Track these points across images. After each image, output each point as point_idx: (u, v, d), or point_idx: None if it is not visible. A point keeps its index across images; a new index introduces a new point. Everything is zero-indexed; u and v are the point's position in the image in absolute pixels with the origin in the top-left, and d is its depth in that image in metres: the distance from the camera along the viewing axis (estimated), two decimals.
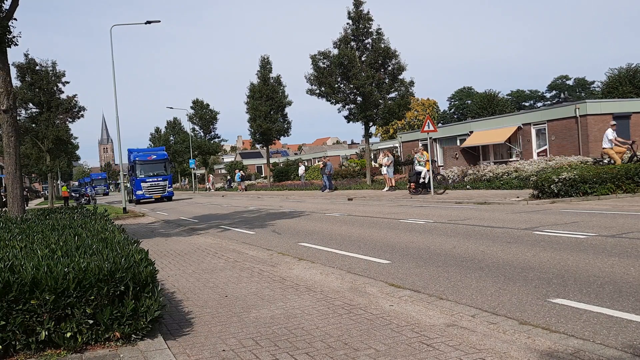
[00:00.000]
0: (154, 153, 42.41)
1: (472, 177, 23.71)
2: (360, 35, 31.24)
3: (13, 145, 12.04)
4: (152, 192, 39.60)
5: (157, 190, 39.77)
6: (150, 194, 39.59)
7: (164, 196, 39.96)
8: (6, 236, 6.85)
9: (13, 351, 4.51)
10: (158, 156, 41.56)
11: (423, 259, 8.37)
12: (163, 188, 39.95)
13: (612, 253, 7.59)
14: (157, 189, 39.74)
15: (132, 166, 40.95)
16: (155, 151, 43.93)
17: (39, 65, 36.39)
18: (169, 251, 11.48)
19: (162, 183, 39.96)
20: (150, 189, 39.62)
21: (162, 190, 39.96)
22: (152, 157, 41.14)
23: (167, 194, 40.10)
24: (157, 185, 39.75)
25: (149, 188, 39.54)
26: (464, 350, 4.35)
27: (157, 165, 40.57)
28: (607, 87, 49.20)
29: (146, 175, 39.72)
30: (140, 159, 40.40)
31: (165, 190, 40.04)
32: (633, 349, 4.11)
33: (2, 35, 11.73)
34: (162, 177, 40.12)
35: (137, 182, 39.69)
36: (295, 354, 4.52)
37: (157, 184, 39.75)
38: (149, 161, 40.51)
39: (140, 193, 39.45)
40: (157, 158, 41.16)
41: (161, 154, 42.52)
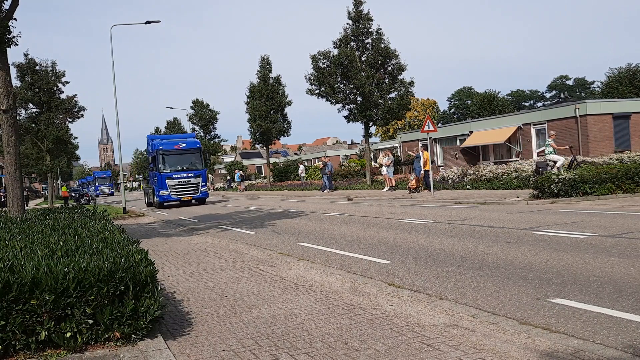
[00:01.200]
0: (182, 140, 31.42)
1: (472, 177, 23.71)
2: (360, 35, 31.22)
3: (13, 145, 12.04)
4: (180, 192, 29.41)
5: (187, 190, 29.59)
6: (178, 195, 29.43)
7: (196, 198, 29.93)
8: (6, 236, 6.85)
9: (13, 351, 4.51)
10: (188, 144, 30.75)
11: (423, 259, 8.37)
12: (195, 187, 29.70)
13: (612, 253, 7.58)
14: (187, 188, 29.58)
15: (153, 158, 30.43)
16: (184, 138, 32.72)
17: (38, 65, 36.37)
18: (169, 251, 11.48)
19: (194, 180, 29.61)
20: (179, 189, 29.37)
21: (194, 190, 29.71)
22: (180, 145, 30.37)
23: (200, 195, 29.91)
24: (187, 184, 29.56)
25: (177, 187, 29.30)
26: (464, 350, 4.35)
27: (187, 156, 30.21)
28: (607, 87, 49.24)
29: (173, 169, 29.41)
30: (165, 148, 29.93)
31: (198, 190, 29.81)
32: (633, 349, 4.11)
33: (2, 35, 11.73)
34: (193, 173, 29.67)
35: (160, 179, 29.27)
36: (295, 354, 4.51)
37: (187, 182, 29.56)
38: (176, 151, 29.98)
39: (165, 194, 29.26)
40: (187, 147, 30.47)
41: (192, 141, 31.49)
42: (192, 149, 30.53)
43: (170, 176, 29.24)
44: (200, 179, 29.81)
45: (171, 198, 29.34)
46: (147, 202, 33.82)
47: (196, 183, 29.75)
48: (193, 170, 29.74)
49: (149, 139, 33.05)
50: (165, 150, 29.91)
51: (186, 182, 29.54)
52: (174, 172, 29.42)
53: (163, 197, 29.30)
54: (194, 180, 29.69)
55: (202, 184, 29.89)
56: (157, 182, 29.71)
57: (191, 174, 29.59)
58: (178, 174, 29.35)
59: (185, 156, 30.15)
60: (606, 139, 28.89)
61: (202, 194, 30.05)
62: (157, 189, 29.61)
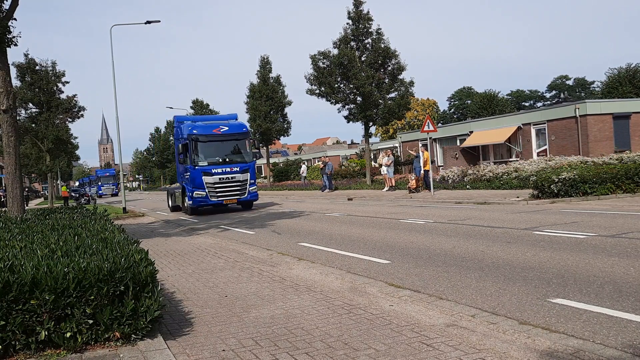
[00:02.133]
0: (223, 122, 23.56)
1: (472, 177, 23.71)
2: (360, 35, 31.23)
3: (13, 145, 12.04)
4: (222, 193, 21.84)
5: (231, 190, 21.97)
6: (220, 197, 21.84)
7: (243, 201, 22.45)
8: (6, 236, 6.85)
9: (13, 351, 4.51)
10: (232, 128, 22.89)
11: (423, 259, 8.37)
12: (241, 186, 22.11)
13: (612, 253, 7.58)
14: (231, 187, 21.97)
15: (184, 146, 22.50)
16: (224, 120, 24.63)
17: (38, 65, 36.35)
18: (169, 251, 11.48)
19: (241, 177, 22.07)
20: (220, 189, 21.77)
21: (240, 190, 22.09)
22: (221, 129, 22.58)
23: (248, 196, 22.28)
24: (231, 182, 21.94)
25: (218, 186, 21.72)
26: (464, 350, 4.35)
27: (231, 143, 22.57)
28: (607, 87, 49.26)
29: (212, 162, 21.91)
30: (201, 132, 22.06)
31: (246, 190, 22.19)
32: (633, 349, 4.11)
33: (2, 35, 11.73)
34: (239, 167, 22.09)
35: (194, 175, 21.66)
36: (295, 354, 4.51)
37: (231, 180, 21.94)
38: (216, 137, 22.28)
39: (201, 195, 21.67)
40: (231, 131, 22.67)
41: (237, 124, 23.56)
42: (237, 134, 22.56)
43: (208, 171, 21.49)
44: (247, 175, 22.08)
45: (209, 201, 21.62)
46: (172, 206, 26.28)
47: (243, 181, 21.98)
48: (239, 163, 22.14)
49: (176, 120, 25.28)
50: (202, 135, 21.82)
51: (230, 180, 21.76)
52: (214, 165, 21.72)
53: (199, 199, 21.63)
54: (240, 176, 21.93)
55: (250, 182, 22.13)
56: (189, 180, 21.93)
57: (236, 167, 21.94)
58: (219, 168, 21.69)
59: (228, 144, 22.46)
60: (606, 139, 28.89)
61: (251, 195, 22.29)
62: (190, 188, 21.80)
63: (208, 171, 21.55)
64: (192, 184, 21.70)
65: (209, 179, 21.48)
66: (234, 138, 22.51)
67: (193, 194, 21.64)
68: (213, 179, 21.53)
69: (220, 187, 21.71)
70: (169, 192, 28.00)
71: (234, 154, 22.46)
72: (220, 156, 22.13)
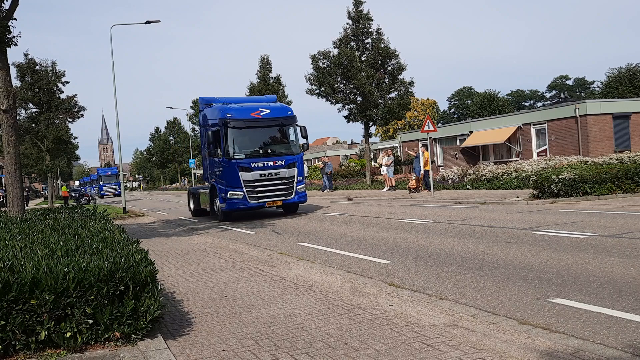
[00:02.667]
0: (263, 105, 18.73)
1: (472, 177, 23.72)
2: (360, 35, 31.24)
3: (13, 145, 12.04)
4: (263, 193, 17.33)
5: (275, 189, 17.47)
6: (261, 199, 17.35)
7: (289, 203, 18.02)
8: (6, 236, 6.85)
9: (13, 351, 4.51)
10: (274, 111, 18.28)
11: (423, 259, 8.37)
12: (287, 185, 17.60)
13: (612, 253, 7.59)
14: (275, 186, 17.46)
15: (214, 134, 17.80)
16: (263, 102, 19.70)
17: (38, 65, 36.41)
18: (169, 251, 11.48)
19: (286, 173, 17.53)
20: (260, 187, 17.29)
21: (286, 189, 17.58)
22: (260, 112, 17.93)
23: (295, 198, 17.79)
24: (275, 179, 17.42)
25: (258, 185, 17.24)
26: (464, 350, 4.36)
27: (273, 130, 18.16)
28: (607, 87, 49.31)
29: (250, 154, 17.42)
30: (237, 116, 17.58)
31: (293, 189, 17.65)
32: (633, 349, 4.11)
33: (2, 35, 11.73)
34: (284, 160, 17.61)
35: (229, 170, 17.29)
36: (295, 354, 4.52)
37: (275, 177, 17.41)
38: (255, 122, 17.78)
39: (238, 196, 17.18)
40: (273, 115, 18.06)
41: (279, 107, 18.92)
42: (281, 119, 17.94)
43: (246, 166, 17.01)
44: (294, 171, 17.51)
45: (248, 204, 17.08)
46: (194, 209, 21.77)
47: (289, 178, 17.41)
48: (284, 155, 17.56)
49: (202, 103, 20.44)
50: (238, 120, 17.33)
51: (273, 177, 17.24)
52: (253, 158, 17.23)
53: (234, 202, 17.12)
54: (286, 172, 17.36)
55: (297, 180, 17.62)
56: (221, 176, 17.48)
57: (281, 161, 17.39)
58: (259, 162, 17.15)
59: (270, 131, 17.99)
60: (606, 139, 28.90)
61: (299, 197, 17.74)
62: (223, 187, 17.40)
63: (246, 166, 16.99)
64: (226, 181, 17.18)
65: (247, 176, 16.94)
66: (277, 123, 17.90)
67: (227, 194, 17.15)
68: (252, 175, 16.97)
69: (262, 186, 17.12)
70: (190, 193, 22.63)
71: (278, 144, 17.94)
72: (261, 147, 17.65)
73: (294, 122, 18.20)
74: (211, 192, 18.86)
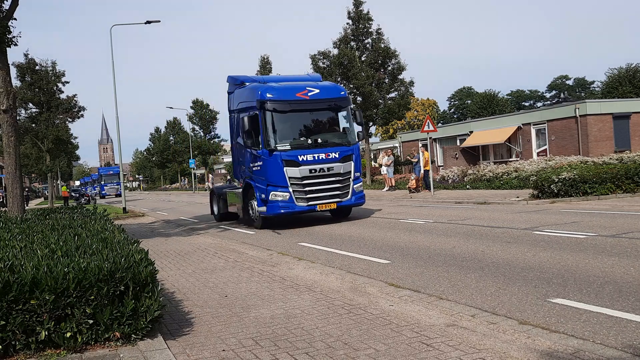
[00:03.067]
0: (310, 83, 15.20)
1: (472, 177, 23.72)
2: (360, 35, 31.28)
3: (13, 145, 12.05)
4: (315, 193, 13.99)
5: (328, 188, 14.10)
6: (311, 201, 13.96)
7: (345, 206, 14.62)
8: (6, 236, 6.85)
9: (13, 351, 4.52)
10: (324, 91, 14.82)
11: (423, 259, 8.37)
12: (343, 183, 14.27)
13: (612, 253, 7.59)
14: (328, 184, 14.09)
15: (251, 119, 14.22)
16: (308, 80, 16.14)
17: (38, 65, 36.40)
18: (169, 251, 11.49)
19: (341, 168, 14.20)
20: (311, 186, 13.96)
21: (341, 188, 14.23)
22: (308, 92, 14.50)
23: (352, 199, 14.42)
24: (327, 175, 14.07)
25: (308, 183, 13.91)
26: (464, 350, 4.36)
27: (323, 115, 14.98)
28: (607, 87, 49.32)
29: (297, 145, 14.11)
30: (280, 96, 14.18)
31: (349, 188, 14.31)
32: (633, 349, 4.11)
33: (2, 35, 11.74)
34: (338, 151, 14.19)
35: (271, 165, 13.91)
36: (295, 354, 4.52)
37: (328, 172, 14.06)
38: (301, 103, 14.47)
39: (282, 198, 13.82)
40: (323, 95, 14.69)
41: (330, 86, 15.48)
42: (333, 101, 14.62)
43: (293, 159, 13.70)
44: (351, 165, 14.22)
45: (296, 207, 13.79)
46: (219, 213, 18.10)
47: (344, 174, 14.11)
48: (337, 146, 14.18)
49: (231, 83, 16.49)
50: (281, 101, 14.00)
51: (326, 173, 13.93)
52: (301, 149, 13.87)
53: (278, 204, 13.75)
54: (341, 166, 14.05)
55: (354, 176, 14.31)
56: (260, 173, 14.18)
57: (334, 153, 14.01)
58: (309, 155, 13.81)
59: (320, 115, 14.76)
60: (606, 139, 28.91)
61: (357, 197, 14.39)
62: (262, 186, 14.05)
63: (292, 159, 13.59)
64: (267, 179, 13.82)
65: (293, 172, 13.55)
66: (328, 106, 14.55)
67: (269, 195, 13.70)
68: (300, 171, 13.57)
69: (312, 185, 13.74)
70: (215, 194, 18.67)
71: (330, 132, 14.69)
72: (310, 135, 14.21)
73: (349, 105, 14.79)
74: (245, 192, 15.16)
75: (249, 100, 14.65)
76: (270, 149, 13.75)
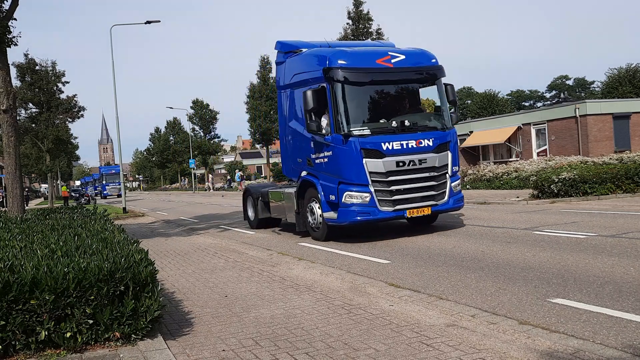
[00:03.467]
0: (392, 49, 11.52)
1: (472, 177, 23.72)
2: (360, 35, 31.27)
3: (13, 145, 12.05)
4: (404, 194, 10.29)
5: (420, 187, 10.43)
6: (400, 205, 10.27)
7: (439, 210, 10.85)
8: (6, 236, 6.85)
9: (13, 351, 4.52)
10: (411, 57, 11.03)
11: (423, 259, 8.37)
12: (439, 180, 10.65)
13: (612, 253, 7.59)
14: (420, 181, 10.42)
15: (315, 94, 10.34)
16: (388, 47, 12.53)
17: (38, 65, 36.42)
18: (169, 251, 11.49)
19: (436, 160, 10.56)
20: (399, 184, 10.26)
21: (437, 186, 10.62)
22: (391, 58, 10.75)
23: (449, 202, 10.77)
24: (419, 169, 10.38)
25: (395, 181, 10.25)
26: (464, 350, 4.36)
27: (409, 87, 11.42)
28: (607, 87, 49.33)
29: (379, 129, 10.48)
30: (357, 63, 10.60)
31: (445, 187, 10.70)
32: (633, 349, 4.11)
33: (2, 35, 11.75)
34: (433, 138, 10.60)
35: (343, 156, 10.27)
36: (295, 354, 4.52)
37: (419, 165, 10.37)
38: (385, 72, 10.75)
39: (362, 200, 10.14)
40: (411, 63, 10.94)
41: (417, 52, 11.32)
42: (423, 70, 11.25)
43: (375, 147, 10.31)
44: (448, 156, 10.93)
45: (380, 213, 10.33)
46: (255, 218, 14.62)
47: (440, 168, 10.78)
48: (431, 130, 10.96)
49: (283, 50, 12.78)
50: (359, 70, 10.65)
51: (417, 167, 10.54)
52: (384, 134, 10.52)
53: (355, 209, 10.28)
54: (436, 158, 10.71)
55: (452, 171, 11.02)
56: (328, 166, 10.83)
57: (427, 139, 10.70)
58: (395, 142, 10.42)
59: (406, 88, 11.54)
60: (606, 139, 28.92)
61: (455, 200, 11.13)
62: (332, 184, 10.64)
63: (375, 148, 10.22)
64: (339, 174, 10.41)
65: (376, 165, 10.18)
66: (417, 77, 11.25)
67: (342, 196, 10.28)
68: (385, 164, 10.21)
69: (400, 182, 10.34)
70: (250, 194, 14.85)
71: (419, 113, 11.68)
72: (395, 116, 10.82)
73: (442, 76, 11.20)
74: (301, 192, 11.54)
75: (311, 69, 11.11)
76: (345, 134, 10.13)
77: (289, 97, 12.24)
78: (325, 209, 10.78)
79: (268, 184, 16.44)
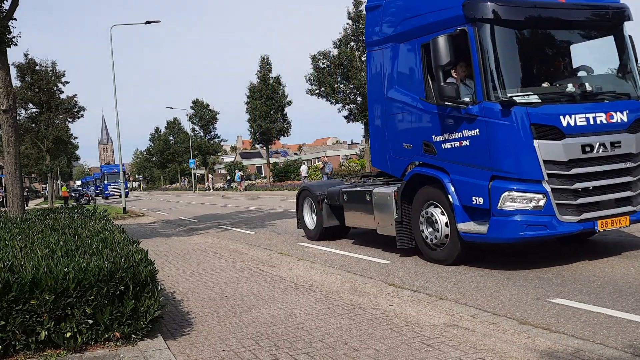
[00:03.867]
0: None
1: None
2: (360, 35, 31.25)
3: (13, 145, 12.05)
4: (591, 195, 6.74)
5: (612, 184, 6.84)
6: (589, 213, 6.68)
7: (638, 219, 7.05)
8: (6, 236, 6.85)
9: (13, 351, 4.52)
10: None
11: (423, 259, 8.36)
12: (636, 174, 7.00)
13: (612, 253, 7.59)
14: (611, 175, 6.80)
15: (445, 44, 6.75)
16: None
17: (38, 65, 36.40)
18: (169, 251, 11.49)
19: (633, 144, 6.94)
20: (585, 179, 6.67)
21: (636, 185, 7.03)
22: None
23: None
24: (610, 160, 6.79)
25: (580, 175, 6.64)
26: (464, 350, 4.36)
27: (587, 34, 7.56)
28: None
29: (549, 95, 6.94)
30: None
31: None
32: (633, 349, 4.11)
33: (2, 35, 11.74)
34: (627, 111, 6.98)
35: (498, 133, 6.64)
36: (295, 354, 4.52)
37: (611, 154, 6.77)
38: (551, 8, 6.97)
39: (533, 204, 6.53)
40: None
41: None
42: (604, 11, 7.29)
43: (551, 123, 6.57)
44: None
45: (561, 227, 6.60)
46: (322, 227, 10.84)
47: (638, 156, 7.01)
48: (622, 99, 7.17)
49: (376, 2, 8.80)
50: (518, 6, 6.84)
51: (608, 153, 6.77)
52: (562, 103, 6.86)
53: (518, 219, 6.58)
54: (632, 140, 6.95)
55: None
56: (467, 152, 7.03)
57: (620, 113, 6.88)
58: (578, 115, 6.64)
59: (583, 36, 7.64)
60: None
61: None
62: (475, 182, 6.91)
63: (551, 122, 6.67)
64: (494, 163, 6.81)
65: (553, 149, 6.64)
66: (597, 20, 7.50)
67: (500, 198, 6.69)
68: (566, 148, 6.65)
69: (587, 177, 6.79)
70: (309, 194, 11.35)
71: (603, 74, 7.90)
72: (571, 77, 7.54)
73: (627, 20, 7.56)
74: (407, 192, 8.21)
75: (438, 6, 7.51)
76: (503, 101, 6.66)
77: (392, 54, 8.49)
78: (460, 218, 7.21)
79: (333, 182, 12.07)
